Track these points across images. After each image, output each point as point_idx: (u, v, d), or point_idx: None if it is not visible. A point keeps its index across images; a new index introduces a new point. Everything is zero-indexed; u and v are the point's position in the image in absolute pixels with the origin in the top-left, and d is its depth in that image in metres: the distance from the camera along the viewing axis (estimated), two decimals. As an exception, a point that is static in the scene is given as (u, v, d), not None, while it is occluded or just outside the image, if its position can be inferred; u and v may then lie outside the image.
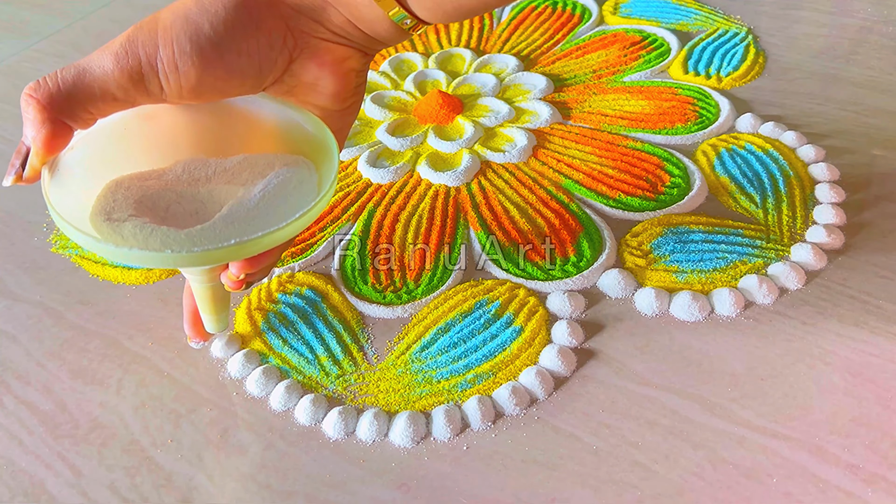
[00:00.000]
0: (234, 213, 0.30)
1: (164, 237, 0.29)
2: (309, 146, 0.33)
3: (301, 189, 0.32)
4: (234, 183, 0.32)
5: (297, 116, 0.33)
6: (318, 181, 0.32)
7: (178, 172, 0.33)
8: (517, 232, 0.46)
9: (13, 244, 0.49)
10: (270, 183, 0.31)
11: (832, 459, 0.33)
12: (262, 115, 0.34)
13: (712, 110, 0.55)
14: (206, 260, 0.29)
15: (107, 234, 0.29)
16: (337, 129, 0.34)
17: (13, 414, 0.38)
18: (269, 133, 0.34)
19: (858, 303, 0.40)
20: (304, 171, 0.32)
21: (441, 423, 0.36)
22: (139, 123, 0.33)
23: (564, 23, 0.68)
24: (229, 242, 0.28)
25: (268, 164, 0.33)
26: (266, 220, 0.30)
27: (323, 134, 0.33)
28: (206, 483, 0.34)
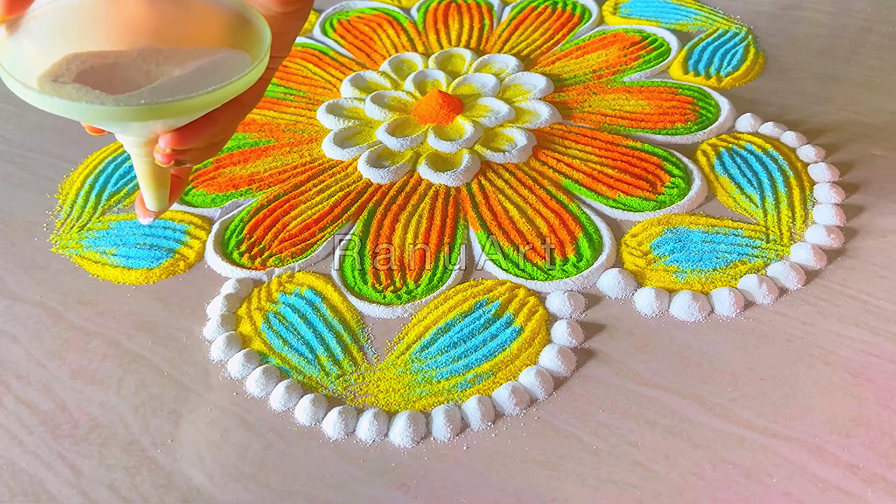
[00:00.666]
0: (162, 84, 0.33)
1: (92, 96, 0.32)
2: (254, 44, 0.37)
3: (230, 74, 0.35)
4: (181, 68, 0.36)
5: (245, 12, 0.37)
6: None
7: (133, 56, 0.36)
8: (517, 232, 0.46)
9: (13, 244, 0.49)
10: (203, 65, 0.35)
11: (832, 459, 0.33)
12: (214, 9, 0.37)
13: (712, 110, 0.55)
14: (119, 117, 0.32)
15: (48, 89, 0.33)
16: (280, 31, 0.37)
17: (13, 414, 0.38)
18: (219, 27, 0.38)
19: (858, 303, 0.40)
20: (240, 61, 0.36)
21: (441, 423, 0.36)
22: (106, 7, 0.36)
23: (564, 23, 0.68)
24: (152, 101, 0.32)
25: (211, 54, 0.36)
26: (186, 90, 0.33)
27: (263, 29, 0.36)
28: (206, 483, 0.34)
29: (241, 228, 0.48)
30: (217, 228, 0.48)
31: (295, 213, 0.48)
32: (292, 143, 0.55)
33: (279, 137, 0.56)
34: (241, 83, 0.34)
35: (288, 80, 0.63)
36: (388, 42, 0.67)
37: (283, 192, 0.50)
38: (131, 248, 0.47)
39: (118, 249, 0.47)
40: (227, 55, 0.36)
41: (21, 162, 0.56)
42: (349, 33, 0.69)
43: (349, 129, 0.56)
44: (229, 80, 0.33)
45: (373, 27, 0.70)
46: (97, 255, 0.47)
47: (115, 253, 0.47)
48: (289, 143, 0.55)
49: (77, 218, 0.50)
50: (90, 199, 0.52)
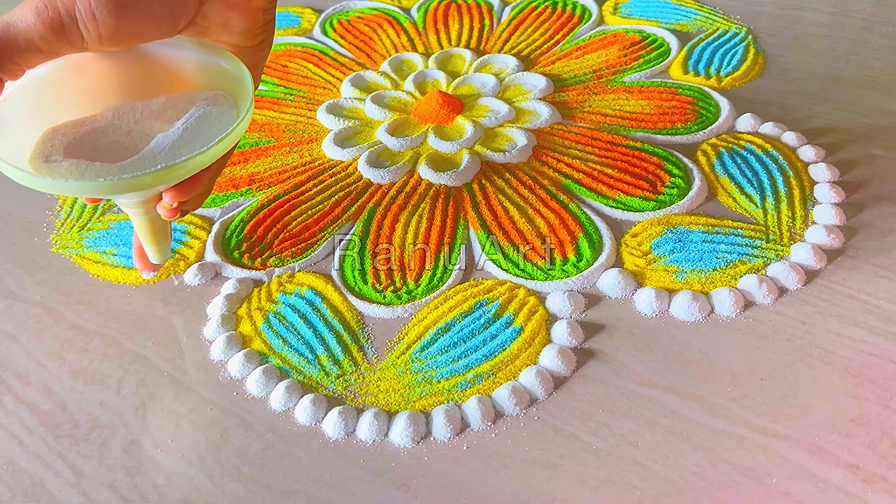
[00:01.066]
0: (159, 144, 0.33)
1: (98, 170, 0.32)
2: (227, 81, 0.36)
3: (221, 119, 0.35)
4: (160, 121, 0.36)
5: (214, 54, 0.36)
6: (236, 112, 0.35)
7: (109, 117, 0.36)
8: (517, 232, 0.46)
9: (13, 244, 0.49)
10: (192, 116, 0.35)
11: (832, 459, 0.33)
12: (181, 56, 0.37)
13: (712, 110, 0.55)
14: (136, 185, 0.32)
15: (45, 172, 0.33)
16: (251, 64, 0.37)
17: (13, 414, 0.38)
18: (189, 73, 0.37)
19: (858, 303, 0.40)
20: (224, 103, 0.36)
21: (441, 423, 0.36)
22: (68, 74, 0.36)
23: (564, 23, 0.68)
24: (156, 168, 0.32)
25: (189, 101, 0.36)
26: (189, 148, 0.33)
27: (238, 69, 0.36)
28: (206, 483, 0.34)
29: (242, 228, 0.48)
30: (217, 228, 0.48)
31: (295, 213, 0.49)
32: (292, 143, 0.55)
33: (279, 137, 0.56)
34: (241, 127, 0.34)
35: (288, 80, 0.63)
36: (388, 42, 0.67)
37: (283, 192, 0.50)
38: (131, 248, 0.47)
39: (118, 249, 0.47)
40: (209, 98, 0.36)
41: (21, 162, 0.56)
42: (349, 33, 0.69)
43: (349, 129, 0.56)
44: (230, 127, 0.34)
45: (373, 27, 0.70)
46: (97, 255, 0.47)
47: (115, 253, 0.47)
48: (289, 143, 0.55)
49: (77, 218, 0.50)
50: (90, 199, 0.52)
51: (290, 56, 0.67)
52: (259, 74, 0.38)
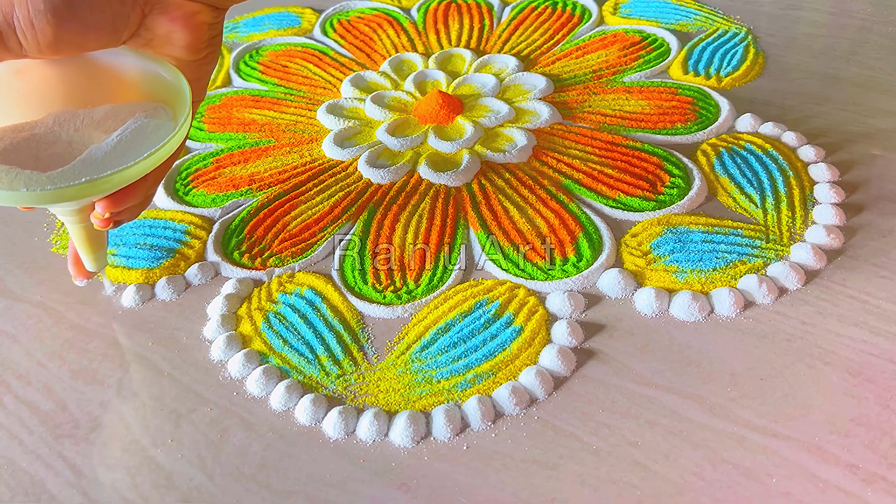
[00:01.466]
0: (91, 155, 0.33)
1: (27, 179, 0.32)
2: (169, 94, 0.36)
3: (157, 132, 0.35)
4: (100, 130, 0.36)
5: (157, 67, 0.36)
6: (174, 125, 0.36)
7: (50, 124, 0.36)
8: (517, 232, 0.46)
9: (13, 244, 0.49)
10: (128, 128, 0.35)
11: (832, 459, 0.33)
12: (125, 66, 0.37)
13: (712, 110, 0.55)
14: (62, 197, 0.32)
15: None
16: (194, 77, 0.37)
17: (13, 414, 0.38)
18: (132, 83, 0.37)
19: (858, 303, 0.40)
20: (162, 117, 0.36)
21: (441, 423, 0.36)
22: (10, 78, 0.36)
23: (564, 23, 0.68)
24: (80, 181, 0.32)
25: (130, 112, 0.36)
26: (120, 161, 0.33)
27: (179, 82, 0.36)
28: (206, 483, 0.34)
29: (242, 228, 0.48)
30: (217, 228, 0.48)
31: (295, 213, 0.49)
32: (292, 143, 0.55)
33: (279, 137, 0.56)
34: (173, 142, 0.35)
35: (288, 80, 0.63)
36: (388, 42, 0.67)
37: (283, 192, 0.50)
38: (131, 248, 0.47)
39: (118, 249, 0.47)
40: (148, 111, 0.36)
41: (21, 162, 0.56)
42: (349, 33, 0.69)
43: (349, 129, 0.56)
44: (161, 142, 0.34)
45: (373, 27, 0.70)
46: None
47: (115, 253, 0.47)
48: (289, 143, 0.55)
49: (77, 218, 0.50)
50: (90, 199, 0.52)
51: (290, 56, 0.67)
52: (203, 88, 0.39)
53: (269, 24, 0.72)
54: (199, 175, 0.53)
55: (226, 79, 0.65)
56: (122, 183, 0.33)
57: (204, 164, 0.54)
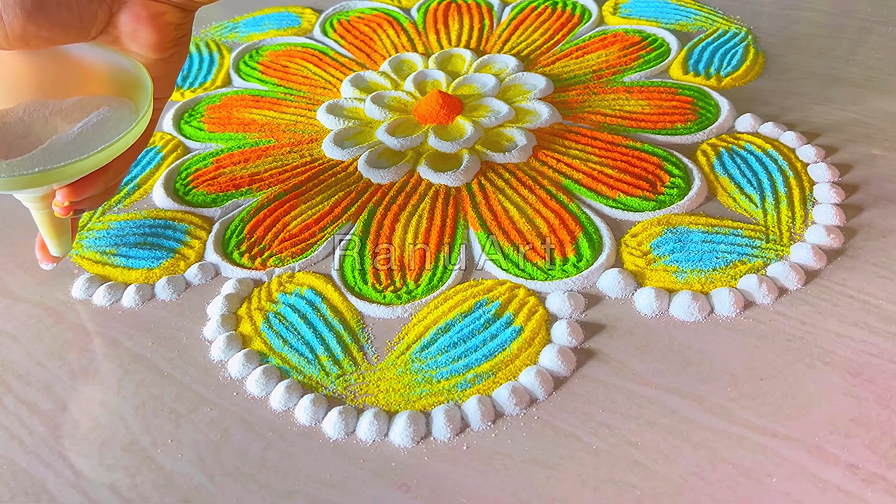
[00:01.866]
0: (51, 146, 0.35)
1: None
2: (134, 90, 0.38)
3: (118, 126, 0.36)
4: (66, 121, 0.37)
5: (125, 63, 0.38)
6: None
7: (20, 113, 0.37)
8: (517, 232, 0.46)
9: (13, 244, 0.49)
10: (90, 121, 0.36)
11: (832, 459, 0.33)
12: (95, 60, 0.38)
13: (712, 110, 0.55)
14: (18, 185, 0.34)
15: None
16: (160, 75, 0.38)
17: (13, 414, 0.38)
18: (101, 77, 0.39)
19: (858, 303, 0.40)
20: (125, 111, 0.37)
21: (441, 423, 0.36)
22: None
23: (564, 23, 0.68)
24: (34, 170, 0.34)
25: (96, 104, 0.38)
26: (77, 153, 0.35)
27: (143, 79, 0.37)
28: (206, 483, 0.34)
29: (242, 228, 0.48)
30: (217, 228, 0.48)
31: (295, 213, 0.49)
32: (292, 143, 0.55)
33: (279, 137, 0.56)
34: (129, 137, 0.36)
35: (288, 80, 0.63)
36: (388, 42, 0.67)
37: (283, 192, 0.50)
38: (131, 248, 0.47)
39: (118, 249, 0.47)
40: (113, 105, 0.37)
41: (21, 162, 0.56)
42: (349, 33, 0.69)
43: (349, 129, 0.56)
44: (118, 136, 0.35)
45: (373, 27, 0.70)
46: (97, 255, 0.47)
47: (115, 253, 0.47)
48: (289, 143, 0.55)
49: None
50: (90, 199, 0.52)
51: (290, 56, 0.67)
52: (171, 85, 0.40)
53: (269, 24, 0.72)
54: (199, 175, 0.53)
55: (226, 79, 0.65)
56: (77, 174, 0.35)
57: (204, 164, 0.54)
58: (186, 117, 0.59)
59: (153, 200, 0.51)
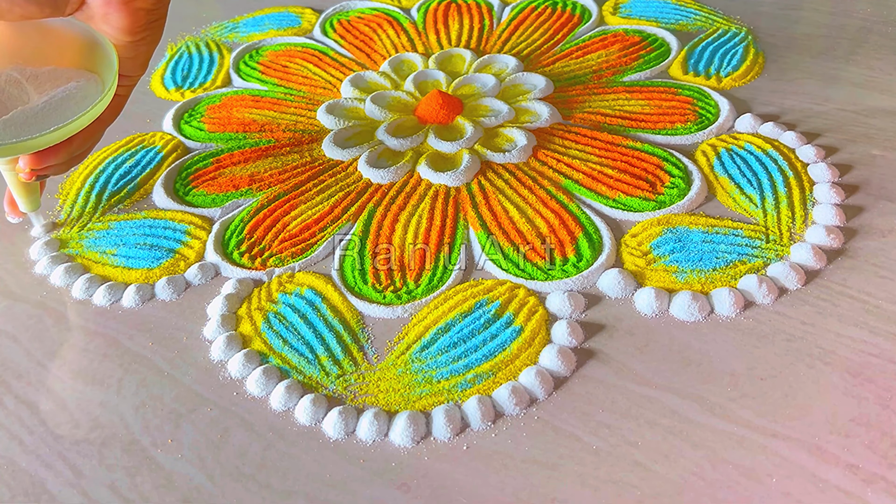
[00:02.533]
0: (14, 117, 0.38)
1: None
2: (105, 67, 0.40)
3: (81, 104, 0.39)
4: (38, 91, 0.40)
5: (99, 39, 0.40)
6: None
7: (2, 82, 0.40)
8: (517, 232, 0.46)
9: (13, 244, 0.49)
10: (56, 95, 0.39)
11: (832, 459, 0.33)
12: (73, 33, 0.41)
13: (712, 110, 0.55)
14: None
15: None
16: (130, 56, 0.40)
17: (13, 414, 0.38)
18: (77, 50, 0.41)
19: (858, 303, 0.40)
20: (92, 88, 0.40)
21: (441, 423, 0.36)
22: None
23: (564, 23, 0.68)
24: None
25: (67, 77, 0.40)
26: (38, 127, 0.37)
27: (112, 59, 0.39)
28: (206, 483, 0.34)
29: (241, 228, 0.48)
30: (217, 228, 0.48)
31: (295, 213, 0.49)
32: (292, 143, 0.55)
33: (279, 137, 0.56)
34: (85, 118, 0.38)
35: (288, 80, 0.63)
36: (388, 42, 0.67)
37: (283, 192, 0.50)
38: (131, 248, 0.47)
39: (118, 249, 0.47)
40: (82, 81, 0.40)
41: (21, 162, 0.56)
42: (349, 33, 0.69)
43: (349, 129, 0.56)
44: (74, 117, 0.38)
45: (373, 27, 0.70)
46: (97, 255, 0.47)
47: (115, 253, 0.47)
48: (289, 143, 0.55)
49: (77, 218, 0.50)
50: (90, 199, 0.52)
51: (290, 56, 0.67)
52: (141, 65, 0.42)
53: (269, 24, 0.72)
54: (199, 175, 0.53)
55: (226, 79, 0.65)
56: (34, 148, 0.38)
57: (204, 164, 0.54)
58: (186, 117, 0.59)
59: (153, 200, 0.51)
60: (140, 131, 0.58)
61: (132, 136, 0.58)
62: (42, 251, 0.47)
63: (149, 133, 0.58)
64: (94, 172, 0.54)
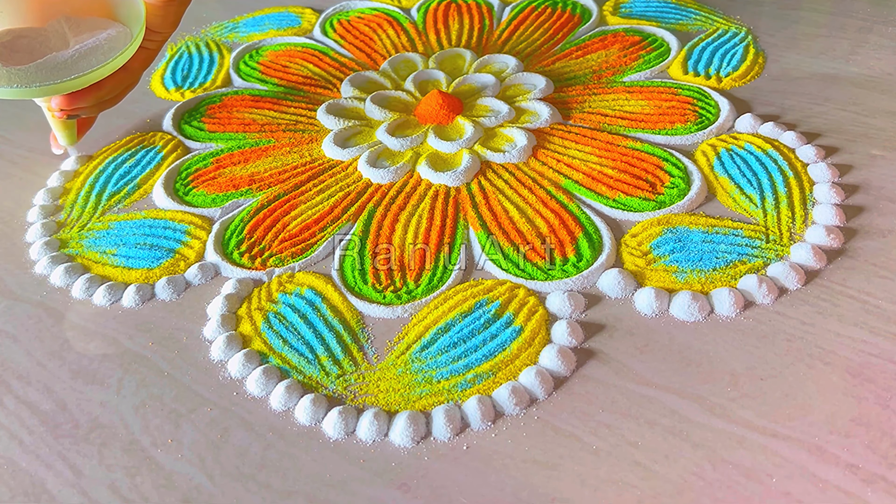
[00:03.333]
0: (46, 62, 0.43)
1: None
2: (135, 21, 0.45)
3: (108, 54, 0.44)
4: (76, 39, 0.45)
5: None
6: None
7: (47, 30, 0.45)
8: (517, 232, 0.46)
9: (13, 244, 0.49)
10: (86, 45, 0.44)
11: (832, 459, 0.33)
12: None
13: (712, 110, 0.55)
14: (8, 94, 0.42)
15: None
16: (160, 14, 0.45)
17: (13, 414, 0.38)
18: (114, 4, 0.46)
19: (858, 303, 0.40)
20: (121, 40, 0.45)
21: (441, 423, 0.36)
22: None
23: (564, 23, 0.68)
24: (12, 87, 0.42)
25: (104, 27, 0.45)
26: (63, 73, 0.43)
27: (141, 16, 0.45)
28: (206, 483, 0.34)
29: (241, 228, 0.48)
30: (217, 228, 0.48)
31: (295, 213, 0.49)
32: (292, 143, 0.55)
33: (279, 137, 0.56)
34: (105, 69, 0.44)
35: (288, 80, 0.63)
36: (388, 42, 0.67)
37: (283, 192, 0.50)
38: (131, 248, 0.47)
39: (118, 249, 0.47)
40: (112, 32, 0.45)
41: (21, 162, 0.56)
42: (349, 33, 0.69)
43: (349, 129, 0.56)
44: (95, 66, 0.43)
45: (373, 27, 0.70)
46: (97, 255, 0.47)
47: (115, 253, 0.47)
48: (289, 143, 0.55)
49: (77, 218, 0.50)
50: (90, 199, 0.52)
51: (290, 56, 0.67)
52: (172, 24, 0.47)
53: (269, 24, 0.72)
54: (199, 175, 0.53)
55: (226, 79, 0.65)
56: (56, 92, 0.43)
57: (204, 164, 0.54)
58: (186, 117, 0.59)
59: (153, 200, 0.51)
60: (140, 131, 0.58)
61: (132, 136, 0.58)
62: (42, 251, 0.47)
63: (149, 133, 0.58)
64: (95, 172, 0.54)
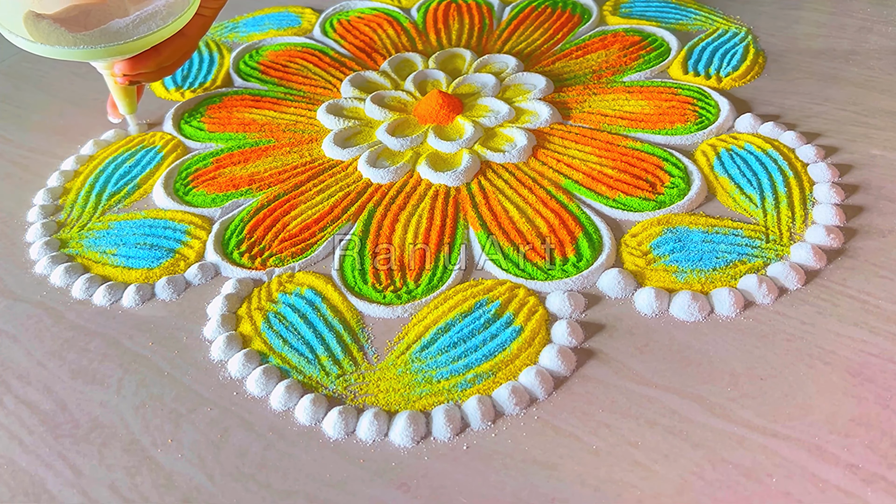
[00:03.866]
0: (109, 27, 0.45)
1: (59, 36, 0.44)
2: None
3: (166, 19, 0.46)
4: (136, 6, 0.48)
5: None
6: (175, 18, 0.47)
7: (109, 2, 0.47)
8: (517, 232, 0.46)
9: (13, 244, 0.49)
10: (145, 11, 0.47)
11: (832, 459, 0.33)
12: None
13: (712, 110, 0.55)
14: (74, 56, 0.45)
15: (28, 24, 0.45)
16: None
17: (13, 414, 0.38)
18: None
19: (858, 303, 0.40)
20: (178, 6, 0.47)
21: (441, 423, 0.36)
22: None
23: (564, 23, 0.68)
24: (78, 48, 0.45)
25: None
26: (124, 36, 0.45)
27: None
28: (206, 483, 0.34)
29: (241, 228, 0.48)
30: (217, 228, 0.48)
31: (295, 213, 0.49)
32: (292, 143, 0.55)
33: (279, 137, 0.56)
34: (163, 32, 0.46)
35: (288, 80, 0.63)
36: (388, 42, 0.67)
37: (283, 192, 0.50)
38: (131, 248, 0.47)
39: (118, 249, 0.47)
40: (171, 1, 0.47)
41: (21, 162, 0.56)
42: (349, 33, 0.69)
43: (349, 129, 0.56)
44: (154, 30, 0.46)
45: (373, 27, 0.70)
46: (97, 255, 0.47)
47: (115, 253, 0.47)
48: (289, 143, 0.55)
49: (77, 218, 0.50)
50: (90, 199, 0.52)
51: (290, 56, 0.67)
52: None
53: (269, 24, 0.72)
54: (199, 175, 0.53)
55: (226, 79, 0.65)
56: (118, 54, 0.46)
57: (204, 164, 0.54)
58: (186, 117, 0.59)
59: (153, 200, 0.51)
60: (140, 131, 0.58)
61: (132, 136, 0.58)
62: (42, 251, 0.47)
63: (149, 133, 0.58)
64: (95, 172, 0.54)
